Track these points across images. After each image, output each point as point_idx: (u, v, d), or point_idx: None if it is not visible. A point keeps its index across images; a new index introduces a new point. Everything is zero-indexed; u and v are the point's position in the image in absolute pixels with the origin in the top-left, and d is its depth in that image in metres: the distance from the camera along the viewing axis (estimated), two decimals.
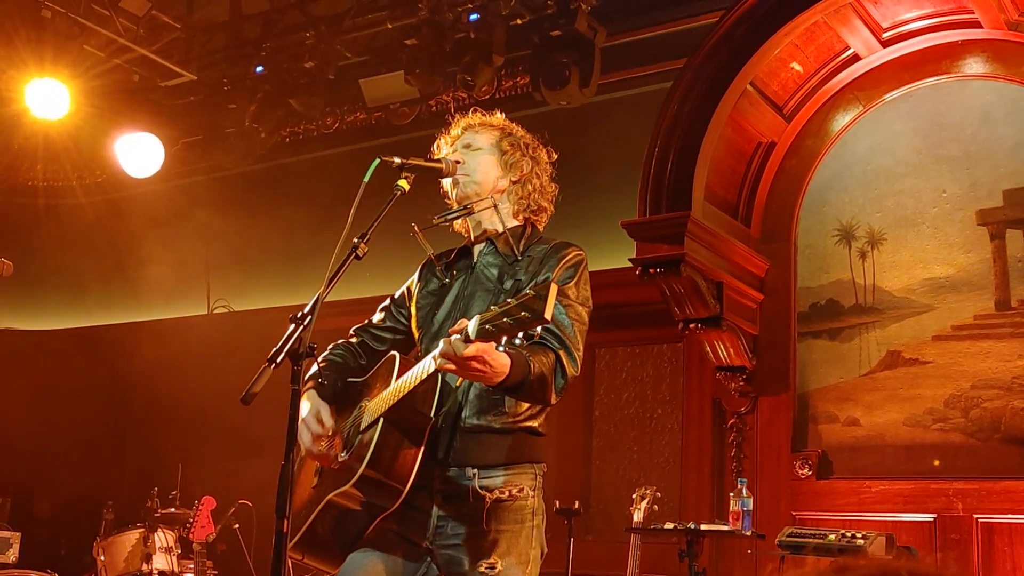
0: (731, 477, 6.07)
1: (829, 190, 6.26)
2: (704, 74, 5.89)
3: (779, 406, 6.15)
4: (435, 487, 2.86)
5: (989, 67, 5.87)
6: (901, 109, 6.13)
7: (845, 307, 6.10)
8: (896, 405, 5.84)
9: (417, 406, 2.82)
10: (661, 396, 6.78)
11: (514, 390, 2.67)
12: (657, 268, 5.68)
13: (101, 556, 6.26)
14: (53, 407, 9.14)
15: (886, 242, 6.04)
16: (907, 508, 5.65)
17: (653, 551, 5.76)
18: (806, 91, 6.29)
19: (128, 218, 9.20)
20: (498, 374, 2.56)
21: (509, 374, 2.57)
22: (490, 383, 2.61)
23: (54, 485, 8.92)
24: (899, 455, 5.78)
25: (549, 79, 6.58)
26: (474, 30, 6.67)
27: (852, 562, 0.96)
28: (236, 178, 8.74)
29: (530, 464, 2.90)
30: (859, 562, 0.95)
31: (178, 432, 8.22)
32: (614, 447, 6.84)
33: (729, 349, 6.05)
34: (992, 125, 5.83)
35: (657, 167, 5.86)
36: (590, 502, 6.69)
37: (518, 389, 2.67)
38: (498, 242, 3.06)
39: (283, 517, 2.48)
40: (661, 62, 7.08)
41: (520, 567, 2.82)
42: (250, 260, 8.85)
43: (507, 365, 2.56)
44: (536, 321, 2.34)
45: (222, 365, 7.57)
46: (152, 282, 8.94)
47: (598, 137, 7.36)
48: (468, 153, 3.11)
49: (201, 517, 6.08)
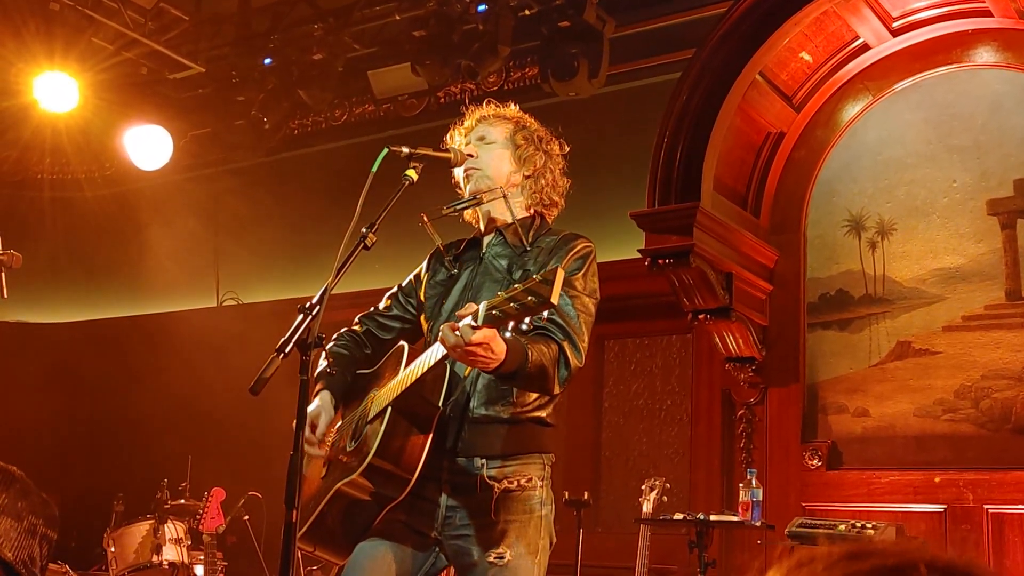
0: (740, 468, 6.06)
1: (839, 180, 6.24)
2: (713, 64, 5.87)
3: (789, 397, 6.14)
4: (443, 477, 2.86)
5: (1000, 56, 5.84)
6: (911, 99, 6.10)
7: (855, 298, 6.08)
8: (906, 396, 5.82)
9: (425, 395, 2.82)
10: (670, 387, 6.78)
11: (510, 377, 2.66)
12: (666, 259, 5.67)
13: (111, 548, 6.28)
14: (63, 399, 9.17)
15: (896, 232, 6.02)
16: (917, 499, 5.64)
17: (663, 542, 5.76)
18: (815, 81, 6.27)
19: (137, 211, 9.22)
20: (495, 360, 2.56)
21: (505, 360, 2.56)
22: (486, 369, 2.61)
23: (64, 477, 8.94)
24: (909, 446, 5.77)
25: (558, 70, 6.56)
26: (482, 21, 6.65)
27: (867, 547, 0.93)
28: (245, 170, 8.75)
29: (538, 454, 2.90)
30: (874, 547, 0.93)
31: (188, 424, 8.23)
32: (623, 438, 6.83)
33: (738, 340, 6.04)
34: (1003, 114, 5.81)
35: (666, 158, 5.84)
36: (599, 493, 6.69)
37: (514, 376, 2.65)
38: (507, 233, 3.05)
39: (292, 508, 2.48)
40: (670, 53, 7.06)
41: (529, 557, 2.82)
42: (259, 252, 8.86)
43: (504, 351, 2.56)
44: (543, 306, 2.33)
45: (231, 357, 7.57)
46: (161, 275, 8.96)
47: (607, 128, 7.35)
48: (482, 146, 3.09)
49: (211, 508, 6.09)
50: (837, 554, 0.95)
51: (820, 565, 0.95)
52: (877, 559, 0.92)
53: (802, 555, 0.98)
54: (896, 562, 0.91)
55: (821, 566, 0.95)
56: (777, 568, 0.99)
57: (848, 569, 0.92)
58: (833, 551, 0.95)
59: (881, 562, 0.91)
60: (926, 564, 0.90)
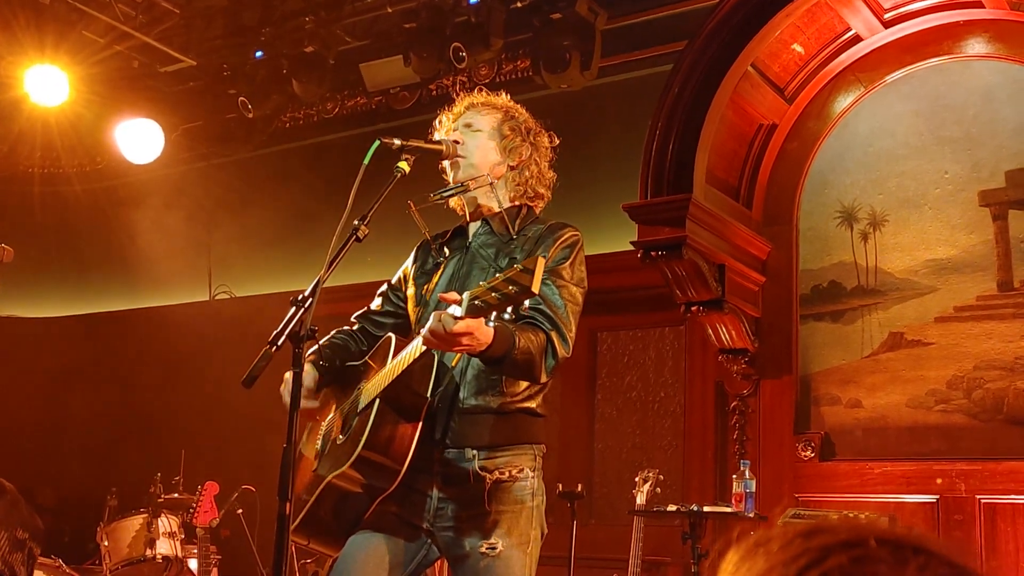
0: (734, 459, 6.07)
1: (831, 172, 6.24)
2: (705, 56, 5.86)
3: (781, 388, 6.15)
4: (435, 469, 2.86)
5: (991, 47, 5.85)
6: (902, 90, 6.10)
7: (847, 289, 6.09)
8: (898, 387, 5.83)
9: (413, 386, 2.82)
10: (663, 379, 6.78)
11: (498, 362, 2.66)
12: (659, 251, 5.67)
13: (105, 542, 6.26)
14: (55, 394, 9.16)
15: (888, 224, 6.03)
16: (910, 489, 5.65)
17: (656, 534, 5.77)
18: (807, 73, 6.26)
19: (129, 205, 9.19)
20: (482, 344, 2.56)
21: (492, 344, 2.57)
22: (472, 353, 2.61)
23: (58, 472, 8.94)
24: (902, 437, 5.78)
25: (550, 62, 6.56)
26: (474, 13, 6.64)
27: (820, 524, 0.97)
28: (236, 164, 8.74)
29: (529, 445, 2.90)
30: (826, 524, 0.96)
31: (181, 417, 8.23)
32: (617, 430, 6.84)
33: (731, 332, 6.05)
34: (994, 106, 5.81)
35: (658, 150, 5.84)
36: (593, 485, 6.69)
37: (501, 362, 2.66)
38: (493, 221, 3.05)
39: (285, 500, 2.48)
40: (662, 45, 7.05)
41: (521, 547, 2.83)
42: (251, 246, 8.85)
43: (490, 336, 2.56)
44: (524, 295, 2.33)
45: (224, 351, 7.58)
46: (153, 268, 8.95)
47: (599, 120, 7.34)
48: (468, 133, 3.09)
49: (204, 502, 6.09)
50: (792, 532, 0.97)
51: (776, 544, 0.97)
52: (828, 536, 0.95)
53: (759, 535, 1.00)
54: (847, 537, 0.94)
55: (777, 545, 0.97)
56: (736, 549, 1.02)
57: (802, 546, 0.95)
58: (788, 530, 0.98)
59: (832, 539, 0.94)
60: (876, 538, 0.93)
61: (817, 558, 0.93)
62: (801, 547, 0.95)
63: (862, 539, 0.93)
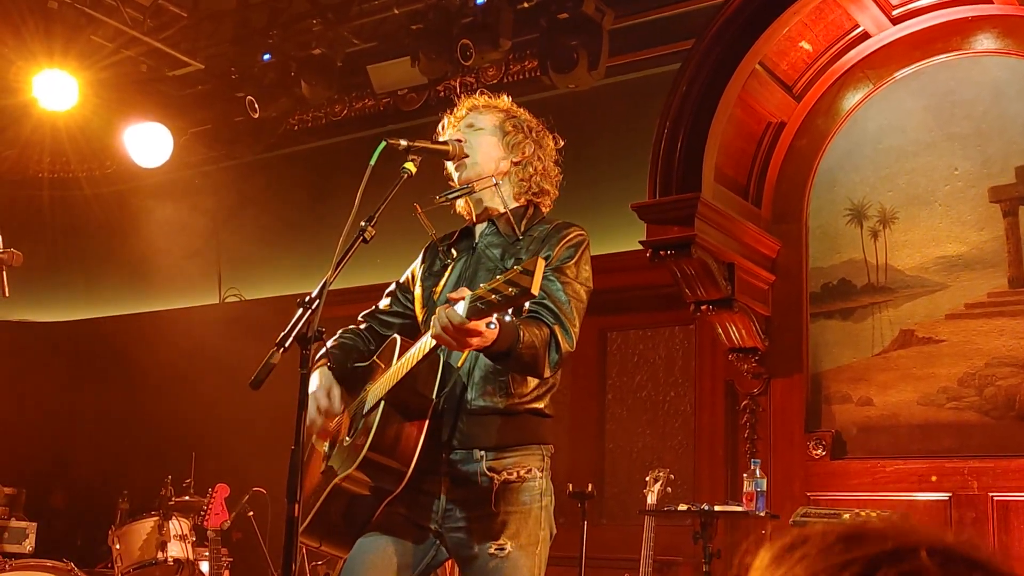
0: (744, 458, 6.06)
1: (840, 169, 6.23)
2: (713, 55, 5.85)
3: (792, 387, 6.13)
4: (442, 470, 2.86)
5: (1000, 43, 5.82)
6: (911, 87, 6.08)
7: (857, 287, 6.07)
8: (910, 384, 5.81)
9: (418, 387, 2.82)
10: (673, 379, 6.77)
11: (503, 357, 2.66)
12: (668, 250, 5.66)
13: (116, 545, 6.28)
14: (66, 398, 9.18)
15: (898, 221, 6.01)
16: (922, 487, 5.64)
17: (667, 533, 5.76)
18: (816, 70, 6.25)
19: (138, 209, 9.22)
20: (486, 341, 2.57)
21: (497, 339, 2.57)
22: (479, 348, 2.62)
23: (69, 475, 8.97)
24: (913, 434, 5.76)
25: (557, 62, 6.55)
26: (481, 14, 6.64)
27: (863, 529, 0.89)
28: (245, 167, 8.74)
29: (537, 445, 2.90)
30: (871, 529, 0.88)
31: (191, 420, 8.23)
32: (627, 430, 6.83)
33: (741, 331, 6.03)
34: (1004, 102, 5.79)
35: (667, 148, 5.83)
36: (604, 485, 6.68)
37: (507, 356, 2.66)
38: (499, 222, 3.05)
39: (293, 502, 2.48)
40: (669, 43, 7.04)
41: (529, 548, 2.82)
42: (261, 249, 8.86)
43: (496, 331, 2.56)
44: (524, 296, 2.35)
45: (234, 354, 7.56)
46: (163, 272, 8.97)
47: (607, 120, 7.34)
48: (471, 132, 3.11)
49: (215, 505, 6.09)
50: (832, 536, 0.91)
51: (814, 548, 0.91)
52: (874, 544, 0.88)
53: (795, 536, 0.94)
54: (895, 546, 0.88)
55: (815, 549, 0.91)
56: (768, 548, 0.95)
57: (845, 555, 0.88)
58: (828, 532, 0.92)
59: (878, 548, 0.88)
60: (927, 549, 0.87)
61: (862, 572, 0.87)
62: (843, 556, 0.88)
63: (911, 549, 0.87)
